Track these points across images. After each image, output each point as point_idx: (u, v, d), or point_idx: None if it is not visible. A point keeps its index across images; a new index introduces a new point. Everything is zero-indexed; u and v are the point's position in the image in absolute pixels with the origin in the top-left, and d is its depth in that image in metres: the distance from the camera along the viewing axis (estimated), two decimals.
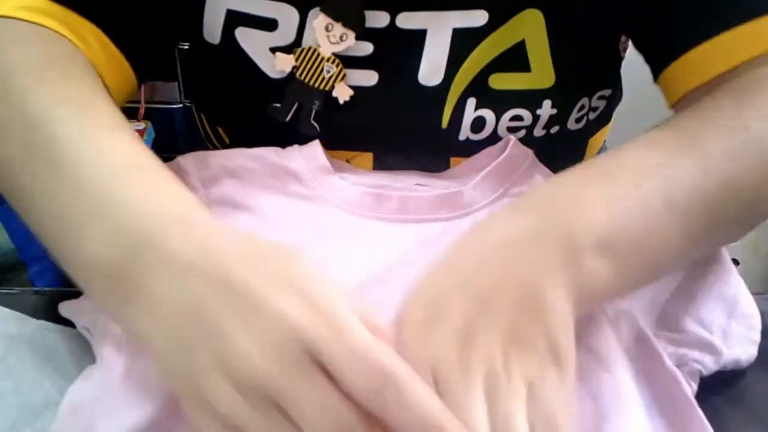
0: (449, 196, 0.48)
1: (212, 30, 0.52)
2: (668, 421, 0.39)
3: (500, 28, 0.50)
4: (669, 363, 0.41)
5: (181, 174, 0.49)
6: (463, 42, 0.50)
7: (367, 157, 0.54)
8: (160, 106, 1.49)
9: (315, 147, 0.51)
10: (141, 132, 1.43)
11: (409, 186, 0.51)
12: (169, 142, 1.51)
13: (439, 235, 0.47)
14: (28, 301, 0.46)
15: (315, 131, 0.52)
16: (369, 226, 0.47)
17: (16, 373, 0.42)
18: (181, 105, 1.49)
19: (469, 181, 0.50)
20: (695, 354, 0.42)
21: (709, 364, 0.42)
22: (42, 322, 0.46)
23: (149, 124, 1.46)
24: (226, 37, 0.52)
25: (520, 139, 0.52)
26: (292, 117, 0.52)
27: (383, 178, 0.52)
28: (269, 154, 0.50)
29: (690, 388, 0.40)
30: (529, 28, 0.50)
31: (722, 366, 0.42)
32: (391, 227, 0.47)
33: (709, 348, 0.42)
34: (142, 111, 1.47)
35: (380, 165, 0.54)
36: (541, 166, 0.51)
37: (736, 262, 0.47)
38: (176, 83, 1.47)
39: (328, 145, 0.52)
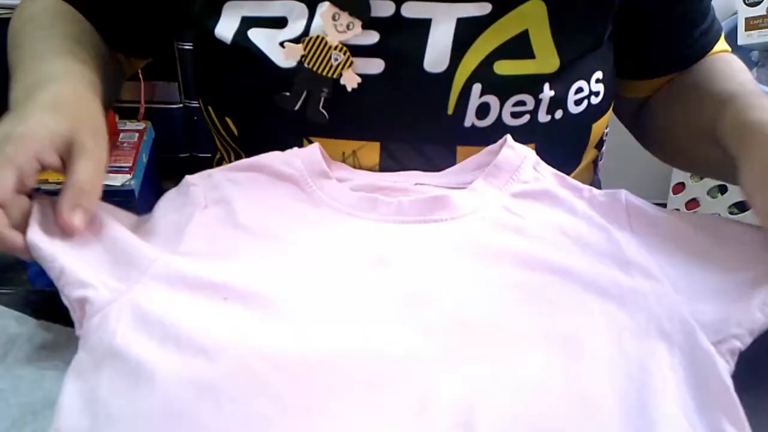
0: (446, 198, 0.48)
1: (225, 33, 0.54)
2: (701, 402, 0.38)
3: (503, 18, 0.51)
4: (705, 341, 0.40)
5: (188, 187, 0.50)
6: (467, 30, 0.51)
7: (374, 147, 0.54)
8: (160, 106, 1.49)
9: (314, 150, 0.51)
10: (141, 132, 1.43)
11: (410, 185, 0.51)
12: (169, 142, 1.51)
13: (436, 236, 0.47)
14: (28, 301, 0.46)
15: (324, 119, 0.53)
16: (366, 227, 0.47)
17: (16, 373, 0.42)
18: (181, 105, 1.49)
19: (469, 180, 0.50)
20: (735, 329, 0.41)
21: (747, 338, 0.41)
22: (42, 322, 0.46)
23: (149, 124, 1.46)
24: (238, 37, 0.54)
25: (525, 125, 0.52)
26: (300, 105, 0.53)
27: (384, 179, 0.52)
28: (269, 161, 0.51)
29: (728, 366, 0.40)
30: (532, 18, 0.51)
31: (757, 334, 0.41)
32: (389, 228, 0.47)
33: (749, 321, 0.41)
34: (142, 111, 1.47)
35: (387, 155, 0.54)
36: (544, 164, 0.51)
37: None
38: (176, 83, 1.47)
39: (336, 134, 0.53)
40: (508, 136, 0.52)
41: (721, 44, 0.62)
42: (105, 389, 0.38)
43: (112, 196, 1.26)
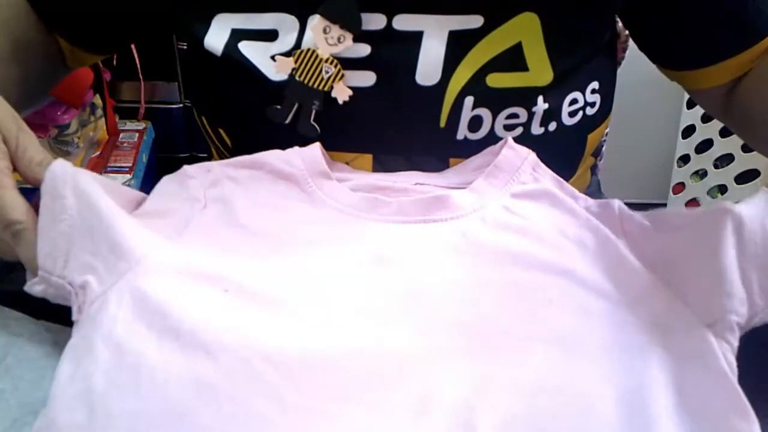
0: (447, 197, 0.48)
1: (215, 45, 0.54)
2: (699, 398, 0.38)
3: (496, 30, 0.51)
4: (702, 328, 0.40)
5: (186, 179, 0.50)
6: (459, 43, 0.51)
7: (367, 159, 0.54)
8: (160, 106, 1.49)
9: (314, 150, 0.51)
10: (141, 132, 1.43)
11: (410, 185, 0.51)
12: (169, 142, 1.52)
13: (436, 236, 0.47)
14: (28, 301, 0.46)
15: (315, 132, 0.53)
16: (366, 227, 0.47)
17: (15, 373, 0.42)
18: (181, 105, 1.50)
19: (469, 180, 0.50)
20: (729, 304, 0.40)
21: (741, 309, 0.39)
22: (42, 322, 0.46)
23: (149, 124, 1.46)
24: (228, 49, 0.53)
25: (518, 137, 0.52)
26: (292, 118, 0.53)
27: (384, 179, 0.52)
28: (269, 160, 0.50)
29: (728, 346, 0.39)
30: (526, 30, 0.51)
31: (754, 306, 0.40)
32: (389, 228, 0.47)
33: (740, 297, 0.40)
34: (142, 111, 1.47)
35: (380, 167, 0.54)
36: (543, 166, 0.52)
37: None
38: (176, 83, 1.47)
39: (328, 147, 0.53)
40: (509, 137, 0.52)
41: None
42: (103, 383, 0.38)
43: None
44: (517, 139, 0.52)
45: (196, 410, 0.37)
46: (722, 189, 1.59)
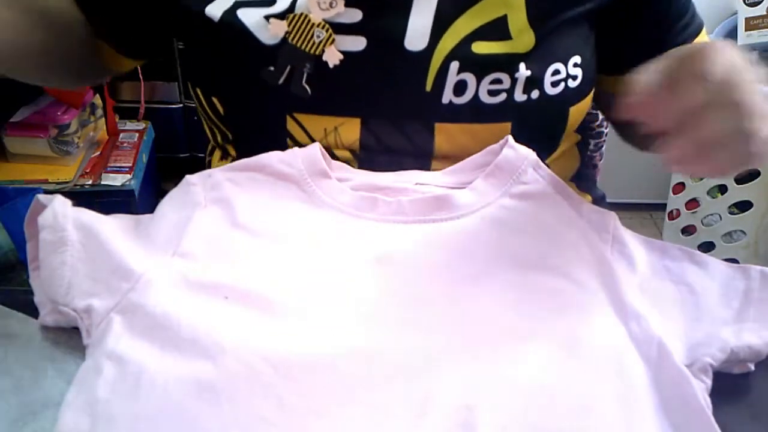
0: (446, 197, 0.48)
1: (215, 12, 0.55)
2: (676, 423, 0.39)
3: (483, 2, 0.53)
4: (679, 363, 0.40)
5: (189, 187, 0.50)
6: (447, 10, 0.53)
7: (355, 123, 0.55)
8: (160, 106, 1.49)
9: (314, 150, 0.51)
10: (141, 132, 1.43)
11: (410, 184, 0.51)
12: (169, 142, 1.52)
13: (436, 236, 0.47)
14: (28, 301, 0.46)
15: (306, 94, 0.54)
16: (366, 227, 0.47)
17: (16, 372, 0.42)
18: (181, 105, 1.50)
19: (469, 180, 0.50)
20: (703, 349, 0.42)
21: (718, 355, 0.42)
22: None
23: (149, 124, 1.47)
24: (226, 15, 0.55)
25: (501, 103, 0.53)
26: (284, 80, 0.54)
27: (384, 179, 0.52)
28: (269, 162, 0.51)
29: (704, 385, 0.40)
30: (511, 4, 0.53)
31: (734, 355, 0.42)
32: (389, 227, 0.47)
33: (717, 340, 0.42)
34: (142, 111, 1.47)
35: (367, 132, 0.56)
36: (544, 166, 0.52)
37: (735, 262, 0.48)
38: (176, 83, 1.47)
39: (318, 111, 0.54)
40: (509, 137, 0.52)
41: (702, 38, 0.62)
42: (106, 390, 0.38)
43: (112, 196, 1.26)
44: (500, 105, 0.53)
45: (195, 411, 0.37)
46: (722, 189, 1.58)
